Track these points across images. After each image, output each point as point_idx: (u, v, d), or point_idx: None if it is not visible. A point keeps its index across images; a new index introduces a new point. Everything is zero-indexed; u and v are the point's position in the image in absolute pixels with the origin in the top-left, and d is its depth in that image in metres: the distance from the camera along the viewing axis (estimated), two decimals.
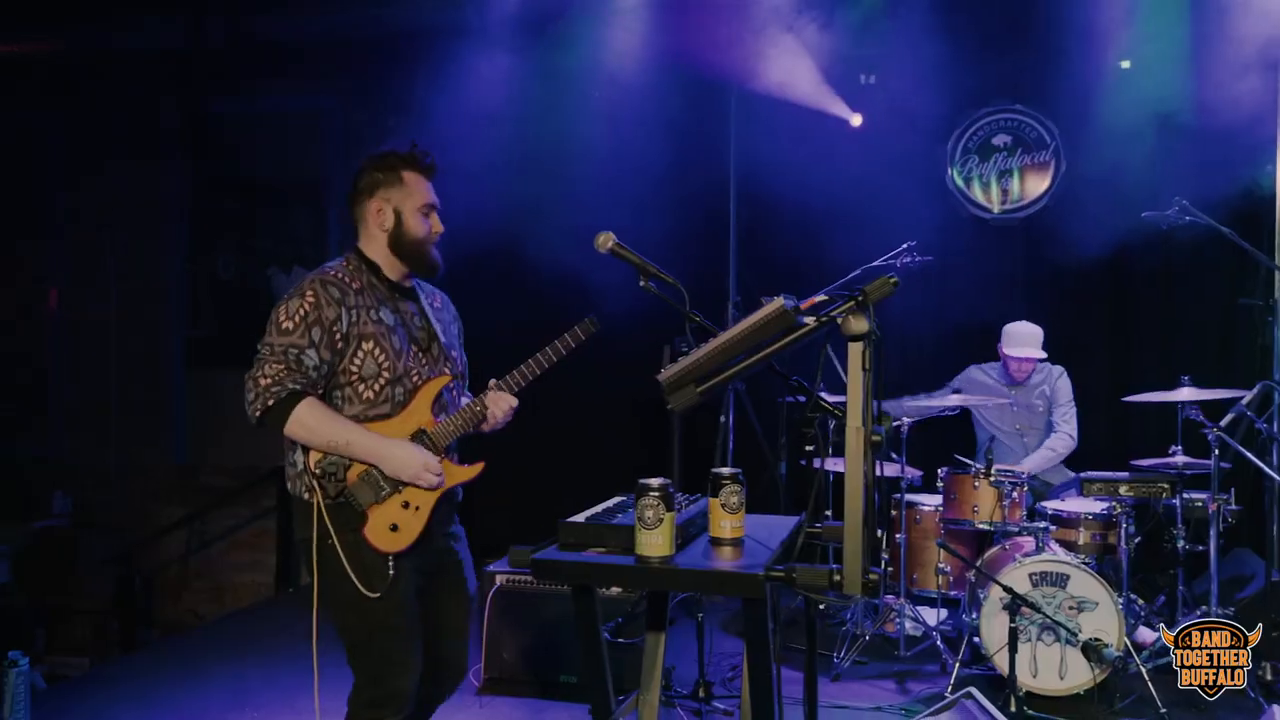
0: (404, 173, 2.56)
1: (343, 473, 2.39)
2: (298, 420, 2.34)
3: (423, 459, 2.42)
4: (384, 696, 2.45)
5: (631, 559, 1.87)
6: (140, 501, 7.79)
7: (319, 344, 2.38)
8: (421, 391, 2.52)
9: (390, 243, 2.56)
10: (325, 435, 2.37)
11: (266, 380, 2.34)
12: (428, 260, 2.60)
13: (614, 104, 6.21)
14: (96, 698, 4.33)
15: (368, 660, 2.47)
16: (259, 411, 2.35)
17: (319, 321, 2.39)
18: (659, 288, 2.39)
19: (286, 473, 2.52)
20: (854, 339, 1.81)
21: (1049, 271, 5.67)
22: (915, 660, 4.50)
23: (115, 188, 7.87)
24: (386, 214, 2.55)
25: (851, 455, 1.76)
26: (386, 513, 2.42)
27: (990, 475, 4.35)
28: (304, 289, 2.44)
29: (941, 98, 5.87)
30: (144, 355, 7.85)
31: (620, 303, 5.89)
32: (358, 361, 2.43)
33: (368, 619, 2.42)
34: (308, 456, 2.41)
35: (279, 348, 2.38)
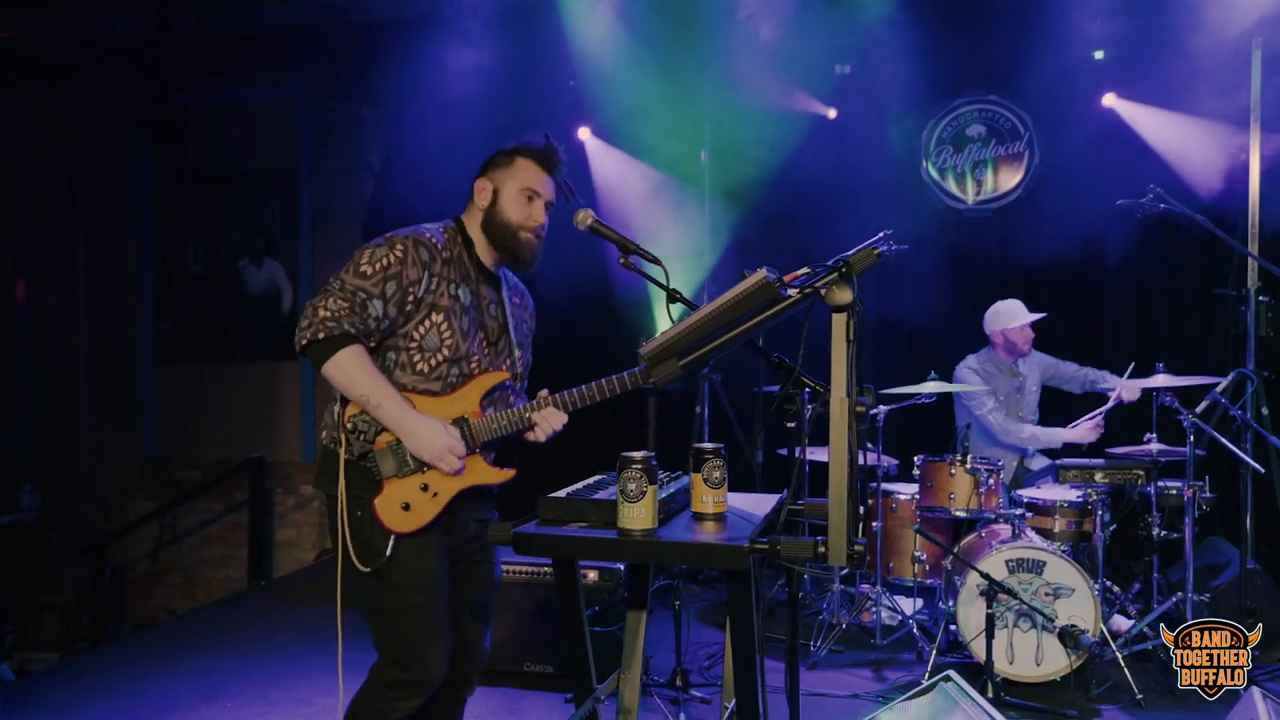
0: (518, 157, 2.51)
1: (372, 434, 2.32)
2: (338, 362, 2.25)
3: (449, 443, 2.32)
4: (407, 681, 2.35)
5: (614, 533, 1.84)
6: (110, 496, 7.69)
7: (389, 298, 2.30)
8: (476, 380, 2.43)
9: (483, 221, 2.49)
10: (361, 388, 2.28)
11: (325, 313, 2.24)
12: (518, 248, 2.49)
13: (587, 92, 6.19)
14: (65, 690, 4.24)
15: (390, 641, 2.37)
16: (306, 339, 2.25)
17: (398, 277, 2.30)
18: (640, 264, 2.37)
19: (325, 421, 2.44)
20: (838, 310, 1.79)
21: (1023, 261, 5.70)
22: (892, 649, 4.51)
23: (83, 179, 7.77)
24: (486, 191, 2.49)
25: (836, 426, 1.74)
26: (402, 489, 2.32)
27: (967, 463, 4.36)
28: (395, 241, 2.34)
29: (916, 88, 5.89)
30: (113, 348, 7.75)
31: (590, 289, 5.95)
32: (422, 330, 2.36)
33: (404, 598, 2.33)
34: (344, 408, 2.34)
35: (350, 287, 2.28)
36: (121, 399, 7.72)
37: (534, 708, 3.86)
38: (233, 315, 7.60)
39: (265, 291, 7.54)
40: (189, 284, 7.68)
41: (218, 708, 3.96)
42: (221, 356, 7.60)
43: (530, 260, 2.53)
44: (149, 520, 7.44)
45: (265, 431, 7.46)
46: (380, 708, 2.37)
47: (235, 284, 7.59)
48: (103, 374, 7.77)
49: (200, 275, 7.66)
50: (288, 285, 7.49)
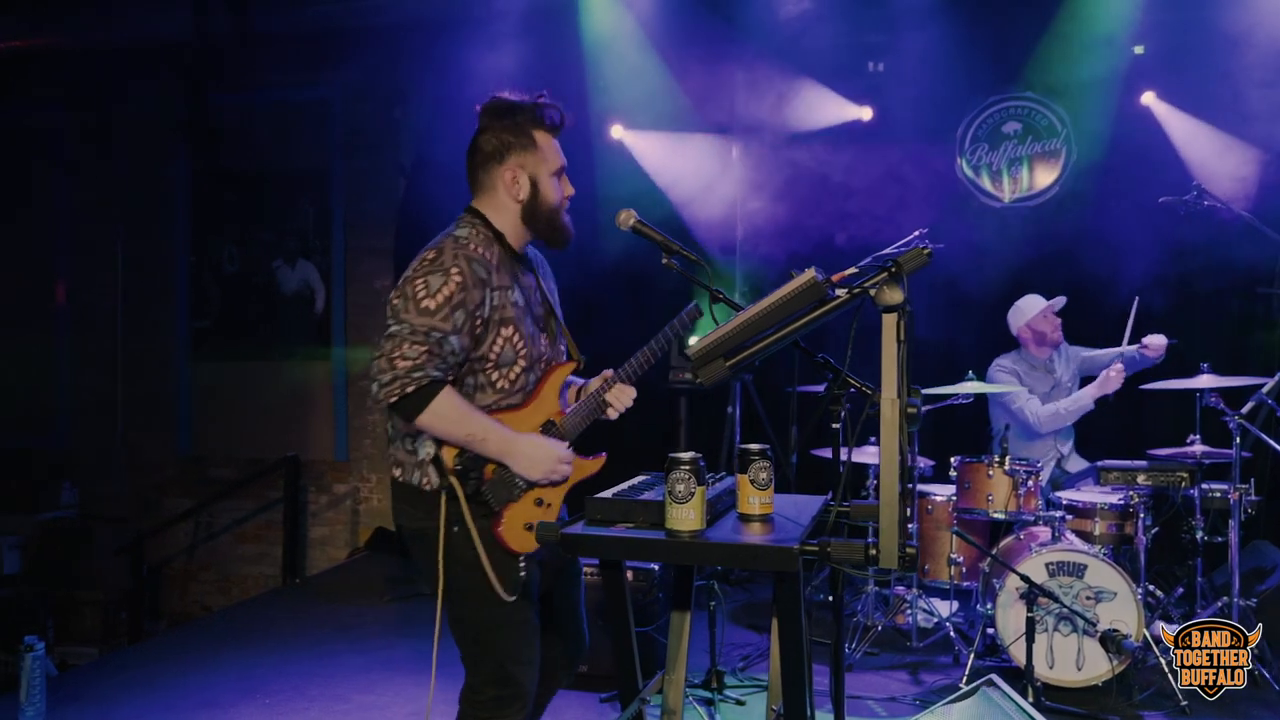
0: (535, 134, 2.35)
1: (480, 470, 2.23)
2: (435, 412, 2.13)
3: (555, 453, 2.27)
4: (509, 696, 2.27)
5: (661, 534, 1.83)
6: (147, 493, 7.78)
7: (461, 330, 2.17)
8: (549, 379, 2.37)
9: (524, 214, 2.35)
10: (463, 430, 2.17)
11: (407, 363, 2.10)
12: (562, 229, 2.40)
13: (619, 92, 6.19)
14: (108, 685, 4.30)
15: (492, 658, 2.27)
16: (395, 396, 2.11)
17: (463, 305, 2.16)
18: (682, 265, 2.36)
19: (397, 458, 2.31)
20: (888, 310, 1.78)
21: (1061, 260, 5.63)
22: (927, 651, 4.47)
23: (121, 181, 7.86)
24: (522, 183, 2.34)
25: (887, 427, 1.72)
26: (521, 511, 2.26)
27: (1005, 464, 4.31)
28: (446, 264, 2.18)
29: (951, 85, 5.84)
30: (150, 347, 7.84)
31: (624, 289, 5.95)
32: (497, 348, 2.25)
33: (497, 615, 2.25)
34: (440, 449, 2.22)
35: (420, 328, 2.12)
36: (158, 398, 7.82)
37: (569, 707, 3.86)
38: (266, 315, 7.66)
39: (299, 291, 7.60)
40: (224, 284, 7.76)
41: (257, 704, 4.00)
42: (255, 356, 7.67)
43: (571, 234, 2.44)
44: (185, 517, 7.52)
45: (298, 430, 7.52)
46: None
47: (269, 284, 7.66)
48: (139, 373, 7.86)
49: (235, 275, 7.74)
50: (320, 285, 7.54)
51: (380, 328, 7.13)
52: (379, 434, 7.39)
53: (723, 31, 5.94)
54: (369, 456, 7.43)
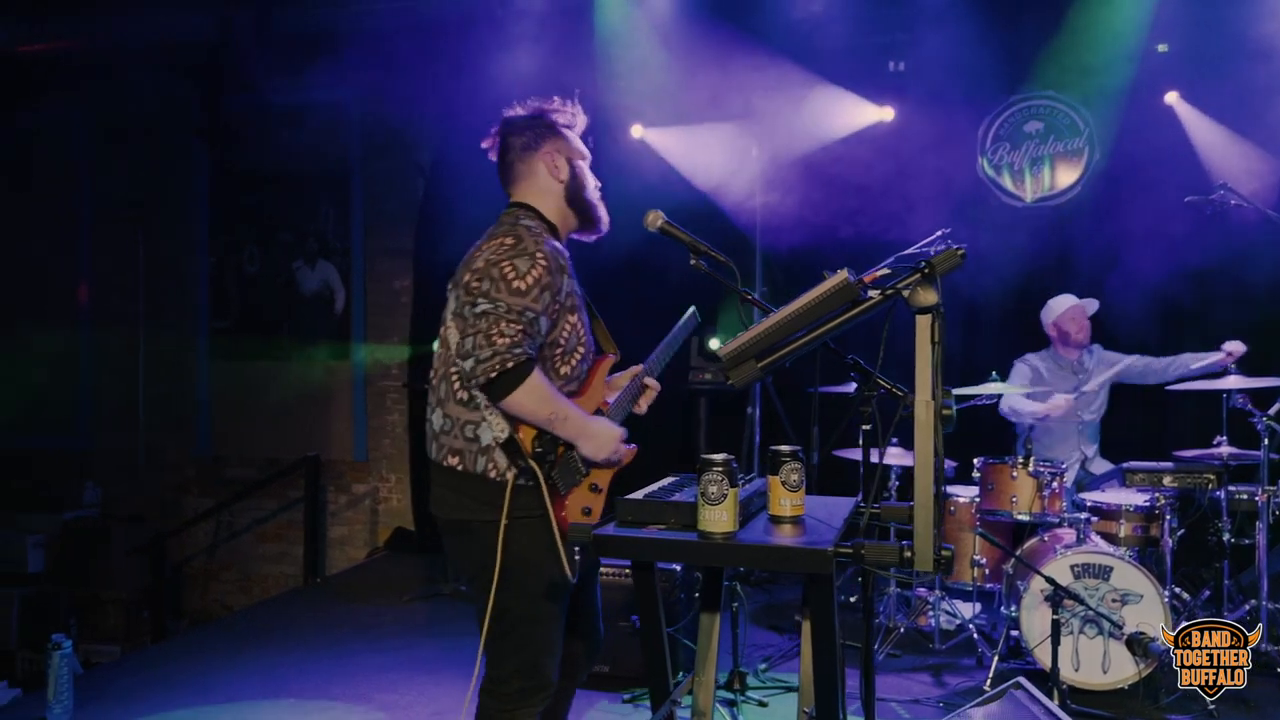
0: (559, 126, 2.47)
1: (554, 453, 2.23)
2: (530, 387, 2.13)
3: (617, 433, 2.30)
4: (534, 687, 2.30)
5: (693, 535, 1.83)
6: (167, 492, 7.83)
7: (547, 311, 2.21)
8: (597, 369, 2.42)
9: (567, 195, 2.42)
10: (549, 406, 2.17)
11: (505, 340, 2.11)
12: (600, 213, 2.50)
13: (638, 91, 6.18)
14: (132, 682, 4.33)
15: (528, 650, 2.28)
16: (495, 371, 2.10)
17: (549, 288, 2.21)
18: (709, 266, 2.35)
19: (452, 446, 2.28)
20: (922, 311, 1.77)
21: (1084, 261, 5.60)
22: (950, 654, 4.45)
23: (142, 183, 7.92)
24: (561, 165, 2.42)
25: (921, 429, 1.72)
26: (580, 496, 2.29)
27: (1029, 465, 4.28)
28: (530, 249, 2.22)
29: (972, 84, 5.81)
30: (171, 348, 7.89)
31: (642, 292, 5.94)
32: (565, 334, 2.30)
33: (544, 607, 2.27)
34: (519, 433, 2.21)
35: (515, 308, 2.15)
36: (179, 398, 7.87)
37: (591, 707, 3.86)
38: (286, 315, 7.70)
39: (318, 292, 7.63)
40: (244, 285, 7.80)
41: (280, 703, 4.01)
42: (275, 356, 7.71)
43: (608, 222, 2.53)
44: (206, 517, 7.57)
45: (318, 431, 7.55)
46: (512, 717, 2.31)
47: (289, 285, 7.69)
48: (161, 373, 7.91)
49: (255, 276, 7.78)
50: (340, 286, 7.57)
51: (402, 327, 7.11)
52: (398, 434, 7.41)
53: (742, 32, 5.92)
54: (388, 456, 7.46)
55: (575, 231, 2.53)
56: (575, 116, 2.52)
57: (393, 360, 7.42)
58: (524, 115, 2.49)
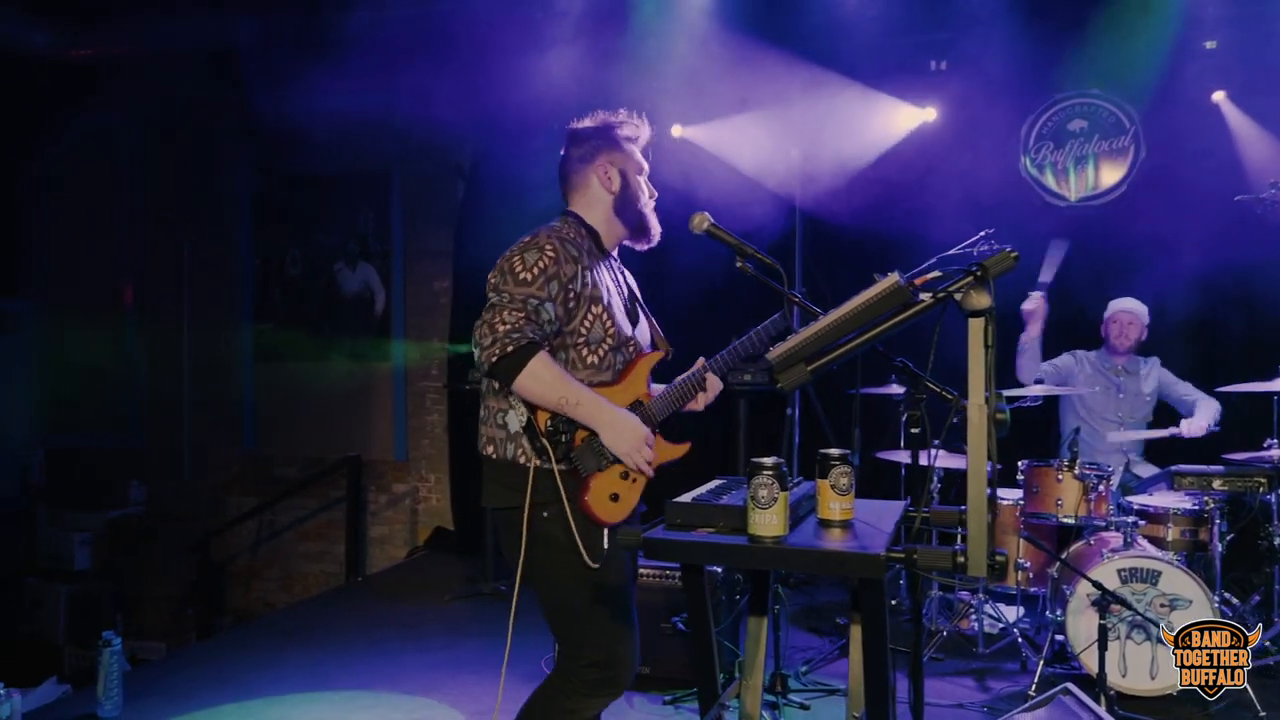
0: (620, 138, 2.53)
1: (571, 435, 2.29)
2: (531, 372, 2.21)
3: (642, 434, 2.32)
4: (610, 679, 2.29)
5: (743, 539, 1.83)
6: (212, 491, 7.95)
7: (555, 299, 2.28)
8: (640, 362, 2.46)
9: (616, 205, 2.50)
10: (557, 391, 2.24)
11: (505, 326, 2.20)
12: (651, 224, 2.55)
13: (679, 91, 6.18)
14: (180, 678, 4.41)
15: (589, 640, 2.29)
16: (495, 356, 2.19)
17: (557, 276, 2.28)
18: (756, 269, 2.35)
19: (489, 435, 2.38)
20: (974, 314, 1.75)
21: (1131, 261, 5.50)
22: (994, 658, 4.41)
23: (187, 185, 8.05)
24: (613, 176, 2.49)
25: (974, 433, 1.70)
26: (607, 481, 2.32)
27: (1075, 468, 4.23)
28: (541, 242, 2.32)
29: (1014, 83, 5.75)
30: (215, 349, 8.01)
31: (687, 293, 5.93)
32: (587, 324, 2.35)
33: (597, 592, 2.29)
34: (535, 416, 2.28)
35: (518, 297, 2.24)
36: (223, 398, 7.98)
37: (632, 708, 3.87)
38: (328, 316, 7.79)
39: (359, 293, 7.71)
40: (286, 286, 7.90)
41: (325, 700, 4.06)
42: (317, 357, 7.80)
43: (659, 232, 2.57)
44: (250, 516, 7.67)
45: (359, 431, 7.63)
46: (573, 707, 2.31)
47: (330, 286, 7.78)
48: (205, 374, 8.04)
49: (297, 277, 7.88)
50: (380, 287, 7.65)
51: (441, 328, 7.17)
52: (438, 434, 7.47)
53: (781, 31, 5.90)
54: (427, 457, 7.52)
55: (626, 240, 2.59)
56: (640, 129, 2.58)
57: (432, 361, 7.48)
58: (589, 127, 2.55)
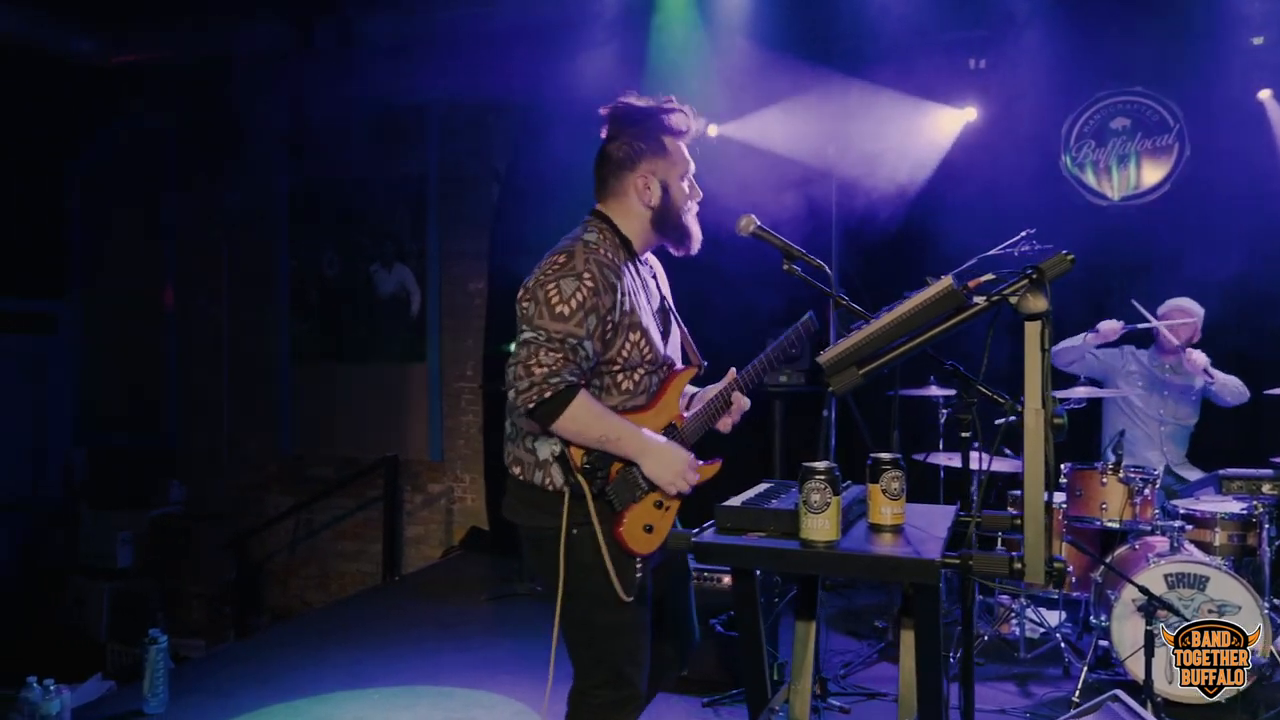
0: (665, 139, 2.35)
1: (606, 469, 2.21)
2: (571, 416, 2.13)
3: (685, 460, 2.25)
4: (624, 699, 2.27)
5: (795, 543, 1.82)
6: (250, 490, 8.04)
7: (593, 334, 2.17)
8: (672, 383, 2.36)
9: (655, 219, 2.35)
10: (597, 431, 2.16)
11: (543, 369, 2.10)
12: (692, 230, 2.40)
13: (718, 93, 6.16)
14: (224, 676, 4.46)
15: (609, 660, 2.26)
16: (532, 403, 2.11)
17: (595, 310, 2.16)
18: (804, 271, 2.34)
19: (516, 455, 2.31)
20: (1031, 318, 1.73)
21: (1174, 260, 5.42)
22: (1036, 663, 4.35)
23: (226, 188, 8.14)
24: (654, 189, 2.33)
25: (1031, 438, 1.68)
26: (642, 513, 2.24)
27: (1119, 471, 4.17)
28: (579, 268, 2.18)
29: (1055, 81, 5.68)
30: (253, 350, 8.11)
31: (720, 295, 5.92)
32: (625, 351, 2.25)
33: (617, 618, 2.25)
34: (569, 450, 2.21)
35: (556, 335, 2.13)
36: (260, 398, 8.07)
37: (670, 710, 3.86)
38: (364, 317, 7.85)
39: (395, 295, 7.76)
40: (323, 287, 7.97)
41: (366, 699, 4.09)
42: (353, 358, 7.87)
43: (699, 239, 2.43)
44: (287, 515, 7.75)
45: (394, 431, 7.68)
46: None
47: (366, 287, 7.84)
48: (243, 374, 8.13)
49: (333, 279, 7.94)
50: (416, 289, 7.69)
51: (476, 330, 7.19)
52: (472, 434, 7.50)
53: (819, 29, 5.87)
54: (463, 457, 7.55)
55: (663, 245, 2.46)
56: (691, 121, 2.39)
57: (468, 362, 7.52)
58: (635, 109, 2.36)
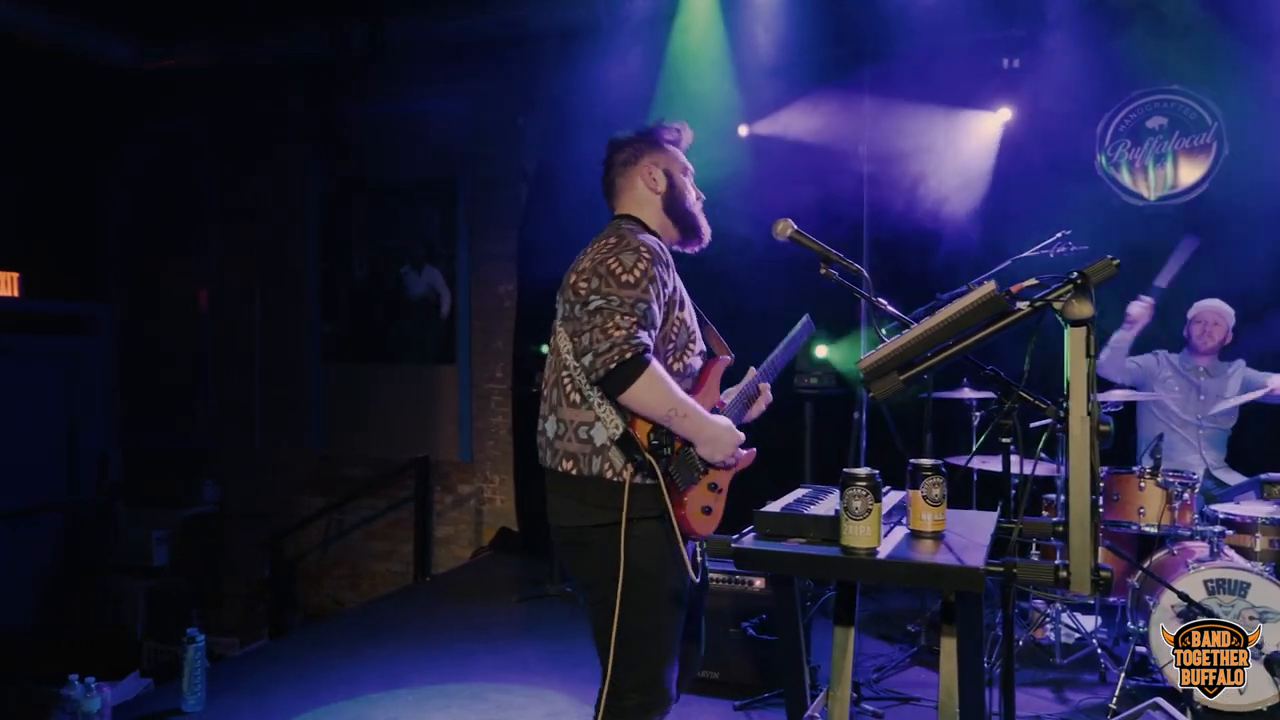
0: (661, 141, 2.49)
1: (670, 447, 2.17)
2: (647, 381, 2.08)
3: (736, 434, 2.24)
4: (654, 702, 2.27)
5: (835, 550, 1.81)
6: (282, 490, 8.11)
7: (657, 300, 2.18)
8: (712, 369, 2.40)
9: (665, 205, 2.44)
10: (670, 400, 2.13)
11: (621, 332, 2.07)
12: (701, 223, 2.49)
13: (745, 95, 6.15)
14: (261, 675, 4.51)
15: (644, 662, 2.25)
16: (614, 363, 2.06)
17: (656, 279, 2.19)
18: (841, 274, 2.33)
19: (567, 450, 2.25)
20: (1076, 324, 1.72)
21: (1211, 261, 5.34)
22: (1071, 669, 4.30)
23: (258, 192, 8.23)
24: (658, 176, 2.43)
25: (1076, 445, 1.67)
26: (699, 495, 2.23)
27: (1157, 475, 4.11)
28: (633, 244, 2.22)
29: (1090, 80, 5.61)
30: (285, 352, 8.18)
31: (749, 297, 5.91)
32: (675, 329, 2.28)
33: (662, 618, 2.24)
34: (634, 427, 2.17)
35: (628, 300, 2.12)
36: (293, 400, 8.15)
37: (702, 713, 3.86)
38: (394, 319, 7.90)
39: (425, 296, 7.81)
40: (354, 290, 8.03)
41: (400, 699, 4.12)
42: (384, 359, 7.92)
43: (708, 234, 2.51)
44: (320, 515, 7.81)
45: (424, 432, 7.73)
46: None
47: (396, 289, 7.89)
48: (276, 376, 8.21)
49: (364, 281, 8.00)
50: (446, 291, 7.74)
51: (506, 331, 7.19)
52: (502, 435, 7.53)
53: (849, 29, 5.84)
54: (492, 458, 7.59)
55: (676, 243, 2.51)
56: (681, 132, 2.52)
57: (497, 363, 7.55)
58: (629, 134, 2.51)
